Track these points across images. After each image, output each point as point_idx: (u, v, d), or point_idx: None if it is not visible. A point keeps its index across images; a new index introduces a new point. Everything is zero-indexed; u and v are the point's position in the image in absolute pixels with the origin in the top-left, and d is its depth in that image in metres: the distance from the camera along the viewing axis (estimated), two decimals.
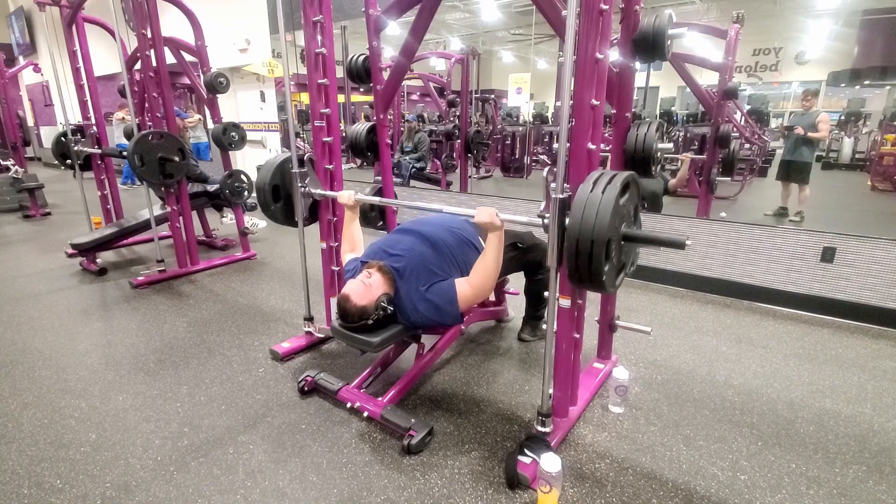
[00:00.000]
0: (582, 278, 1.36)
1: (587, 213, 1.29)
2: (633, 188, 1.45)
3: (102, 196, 4.36)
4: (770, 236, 2.97)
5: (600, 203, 1.29)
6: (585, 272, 1.32)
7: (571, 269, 1.37)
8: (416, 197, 4.68)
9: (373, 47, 2.40)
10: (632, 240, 1.43)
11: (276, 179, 2.31)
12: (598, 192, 1.31)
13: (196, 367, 2.28)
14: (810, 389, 2.11)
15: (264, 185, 2.29)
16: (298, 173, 2.23)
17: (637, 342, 2.51)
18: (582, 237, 1.29)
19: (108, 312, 2.94)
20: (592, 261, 1.30)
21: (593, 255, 1.29)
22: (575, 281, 1.40)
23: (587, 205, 1.30)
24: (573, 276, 1.38)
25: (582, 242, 1.29)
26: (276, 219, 2.38)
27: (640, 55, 1.73)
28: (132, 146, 3.12)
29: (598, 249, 1.28)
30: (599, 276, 1.31)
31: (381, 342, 1.73)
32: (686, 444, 1.75)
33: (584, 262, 1.31)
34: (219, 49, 6.34)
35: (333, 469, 1.62)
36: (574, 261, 1.33)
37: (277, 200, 2.34)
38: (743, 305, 3.03)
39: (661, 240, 1.41)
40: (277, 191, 2.33)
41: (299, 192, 2.25)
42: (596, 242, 1.28)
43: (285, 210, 2.37)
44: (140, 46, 3.20)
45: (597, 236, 1.27)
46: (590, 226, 1.28)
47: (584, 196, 1.32)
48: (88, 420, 1.89)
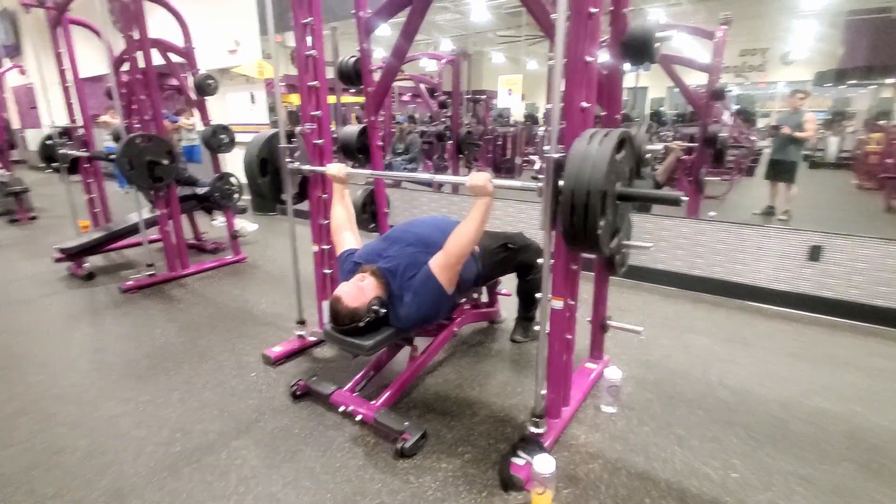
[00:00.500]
0: (577, 237, 1.34)
1: (582, 167, 1.27)
2: (628, 145, 1.43)
3: (90, 200, 4.30)
4: (758, 235, 3.00)
5: (595, 157, 1.27)
6: (580, 229, 1.30)
7: (566, 227, 1.34)
8: (409, 205, 4.67)
9: (363, 49, 2.40)
10: (627, 198, 1.42)
11: (263, 153, 2.22)
12: (593, 146, 1.29)
13: (188, 373, 2.26)
14: (804, 389, 2.13)
15: (252, 158, 2.19)
16: (287, 148, 2.16)
17: (629, 342, 2.52)
18: (577, 192, 1.27)
19: (97, 317, 2.91)
20: (588, 216, 1.27)
21: (588, 211, 1.26)
22: (569, 240, 1.38)
23: (582, 159, 1.28)
24: (568, 234, 1.36)
25: (577, 197, 1.27)
26: (262, 193, 2.28)
27: (629, 57, 1.74)
28: (120, 149, 3.08)
29: (593, 204, 1.26)
30: (594, 232, 1.29)
31: (373, 345, 1.72)
32: (679, 445, 1.76)
33: (580, 220, 1.28)
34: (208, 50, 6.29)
35: (327, 473, 1.61)
36: (569, 218, 1.31)
37: (265, 175, 2.25)
38: (734, 304, 3.06)
39: (656, 196, 1.40)
40: (265, 165, 2.24)
41: (287, 168, 2.18)
42: (591, 196, 1.25)
43: (272, 185, 2.27)
44: (128, 48, 3.17)
45: (592, 190, 1.25)
46: (585, 180, 1.26)
47: (580, 151, 1.30)
48: (81, 426, 1.86)
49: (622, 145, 1.38)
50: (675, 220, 3.28)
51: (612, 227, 1.40)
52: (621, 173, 1.40)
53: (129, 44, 3.15)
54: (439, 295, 1.79)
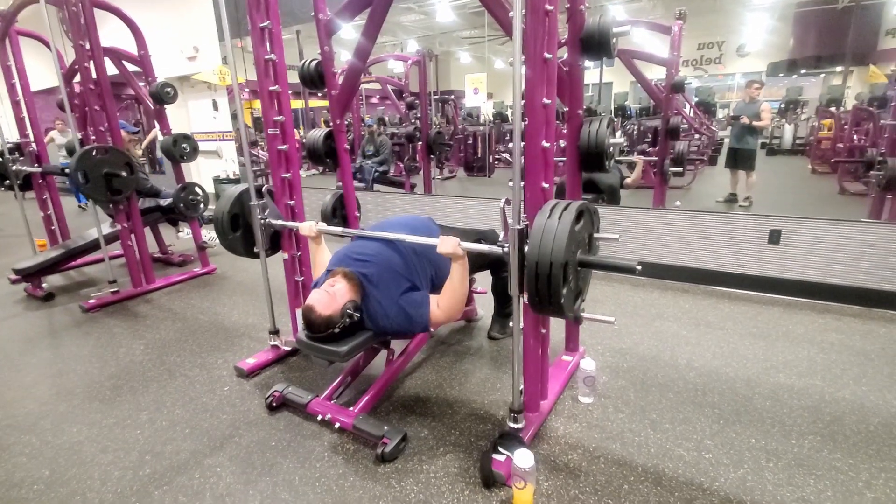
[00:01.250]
0: (542, 303, 1.39)
1: (545, 239, 1.34)
2: (587, 216, 1.50)
3: (46, 217, 4.11)
4: (721, 222, 3.10)
5: (557, 230, 1.33)
6: (545, 297, 1.36)
7: (532, 296, 1.40)
8: (382, 208, 4.64)
9: (324, 52, 2.37)
10: (587, 265, 1.49)
11: (234, 209, 2.23)
12: (554, 219, 1.36)
13: (156, 391, 2.18)
14: (765, 366, 2.21)
15: (222, 215, 2.20)
16: (258, 205, 2.16)
17: (602, 332, 2.57)
18: (541, 262, 1.33)
19: (56, 340, 2.78)
20: (551, 286, 1.33)
21: (552, 281, 1.33)
22: (535, 306, 1.43)
23: (545, 232, 1.35)
24: (534, 302, 1.42)
25: (541, 267, 1.33)
26: (234, 249, 2.28)
27: (588, 53, 1.77)
28: (74, 162, 2.96)
29: (556, 274, 1.32)
30: (558, 300, 1.35)
31: (348, 351, 1.70)
32: (653, 428, 1.80)
33: (544, 288, 1.35)
34: (166, 58, 6.12)
35: (306, 485, 1.58)
36: (534, 287, 1.37)
37: (236, 230, 2.26)
38: (700, 290, 3.16)
39: (614, 265, 1.48)
40: (237, 220, 2.25)
41: (258, 223, 2.18)
42: (554, 267, 1.31)
43: (244, 239, 2.28)
44: (78, 58, 3.05)
45: (555, 261, 1.31)
46: (548, 251, 1.32)
47: (542, 224, 1.36)
48: (41, 456, 1.78)
49: (581, 216, 1.44)
50: (642, 211, 3.37)
51: (574, 292, 1.47)
52: (581, 242, 1.47)
53: (79, 53, 3.03)
54: (423, 328, 1.80)
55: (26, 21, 3.70)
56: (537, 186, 1.55)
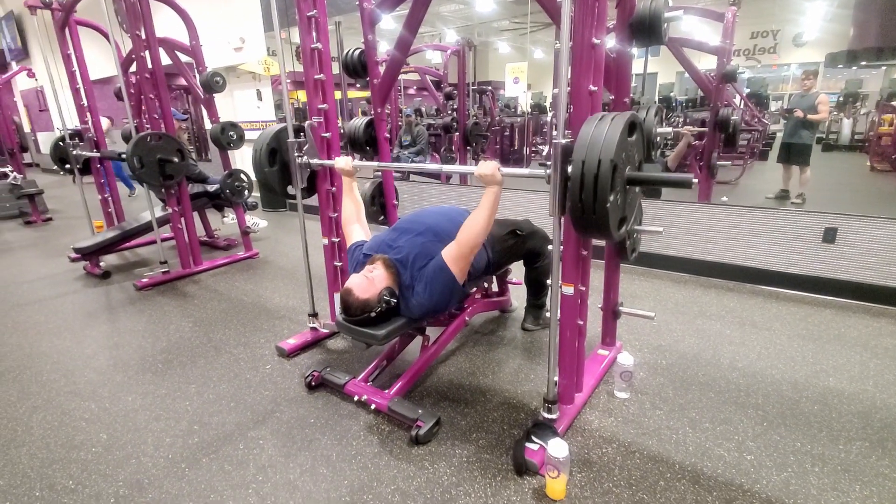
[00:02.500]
0: (586, 222, 1.33)
1: (590, 151, 1.26)
2: (637, 129, 1.42)
3: (103, 200, 4.36)
4: (771, 219, 2.96)
5: (604, 140, 1.26)
6: (590, 214, 1.29)
7: (575, 213, 1.33)
8: (417, 197, 4.67)
9: (368, 41, 2.39)
10: (637, 182, 1.40)
11: (273, 143, 2.23)
12: (601, 129, 1.28)
13: (203, 366, 2.30)
14: (814, 369, 2.12)
15: (261, 147, 2.20)
16: (296, 142, 2.17)
17: (641, 328, 2.52)
18: (585, 176, 1.26)
19: (113, 315, 2.96)
20: (597, 201, 1.26)
21: (597, 195, 1.25)
22: (579, 226, 1.37)
23: (590, 143, 1.27)
24: (577, 219, 1.35)
25: (586, 181, 1.26)
26: (269, 184, 2.26)
27: (637, 40, 1.72)
28: (131, 148, 3.12)
29: (602, 188, 1.24)
30: (604, 217, 1.28)
31: (386, 335, 1.73)
32: (692, 427, 1.76)
33: (589, 204, 1.27)
34: (214, 48, 6.32)
35: (343, 461, 1.64)
36: (578, 203, 1.29)
37: (273, 165, 2.26)
38: (746, 288, 3.04)
39: (666, 179, 1.37)
40: (274, 154, 2.25)
41: (296, 162, 2.19)
42: (600, 180, 1.24)
43: (280, 176, 2.28)
44: (135, 48, 3.20)
45: (601, 173, 1.23)
46: (593, 164, 1.24)
47: (587, 135, 1.29)
48: (99, 421, 1.90)
49: (631, 128, 1.36)
50: (687, 205, 3.26)
51: (621, 211, 1.39)
52: (630, 157, 1.39)
53: (135, 43, 3.17)
54: (451, 285, 1.79)
55: (83, 11, 3.90)
56: None
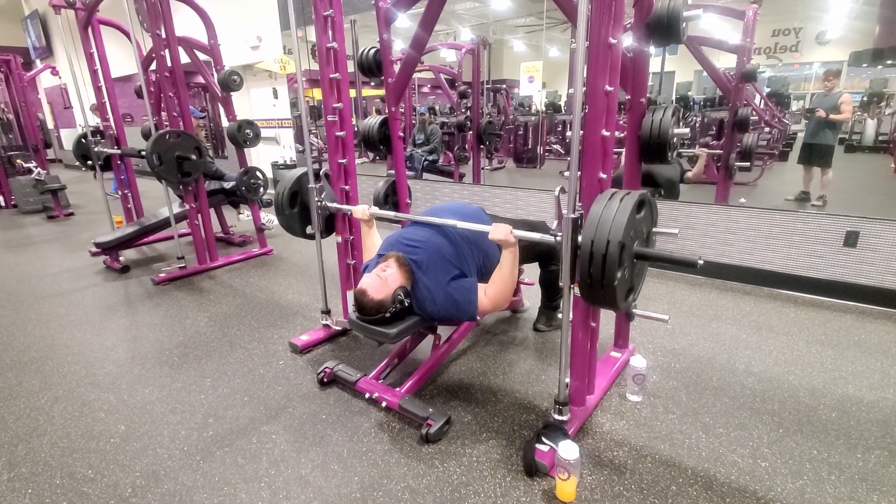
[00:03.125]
0: (594, 292, 1.36)
1: (601, 225, 1.29)
2: (647, 208, 1.45)
3: (123, 195, 4.46)
4: (791, 221, 2.91)
5: (615, 216, 1.29)
6: (598, 285, 1.33)
7: (584, 283, 1.37)
8: (430, 196, 4.68)
9: (383, 40, 2.40)
10: (644, 258, 1.43)
11: (294, 188, 2.34)
12: (612, 206, 1.31)
13: (218, 360, 2.33)
14: (833, 376, 2.07)
15: (283, 191, 2.32)
16: (316, 187, 2.25)
17: (655, 331, 2.49)
18: (596, 246, 1.29)
19: (132, 309, 3.02)
20: (605, 273, 1.29)
21: (606, 267, 1.29)
22: (587, 295, 1.40)
23: (601, 218, 1.31)
24: (585, 290, 1.39)
25: (596, 252, 1.29)
26: (290, 227, 2.38)
27: (655, 39, 1.70)
28: (150, 145, 3.17)
29: (611, 260, 1.28)
30: (612, 289, 1.31)
31: (397, 333, 1.74)
32: (705, 432, 1.74)
33: (598, 275, 1.31)
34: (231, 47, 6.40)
35: (354, 458, 1.65)
36: (587, 273, 1.33)
37: (293, 207, 2.36)
38: (763, 292, 2.99)
39: (673, 259, 1.41)
40: (295, 198, 2.36)
41: (315, 205, 2.28)
42: (610, 252, 1.27)
43: (300, 218, 2.39)
44: (155, 47, 3.25)
45: (611, 246, 1.27)
46: (604, 236, 1.28)
47: (599, 211, 1.32)
48: (117, 412, 1.95)
49: (640, 206, 1.39)
50: (703, 207, 3.21)
51: (629, 283, 1.42)
52: (639, 233, 1.42)
53: (155, 42, 3.23)
54: (470, 317, 1.81)
55: (105, 10, 3.97)
56: (594, 177, 1.52)
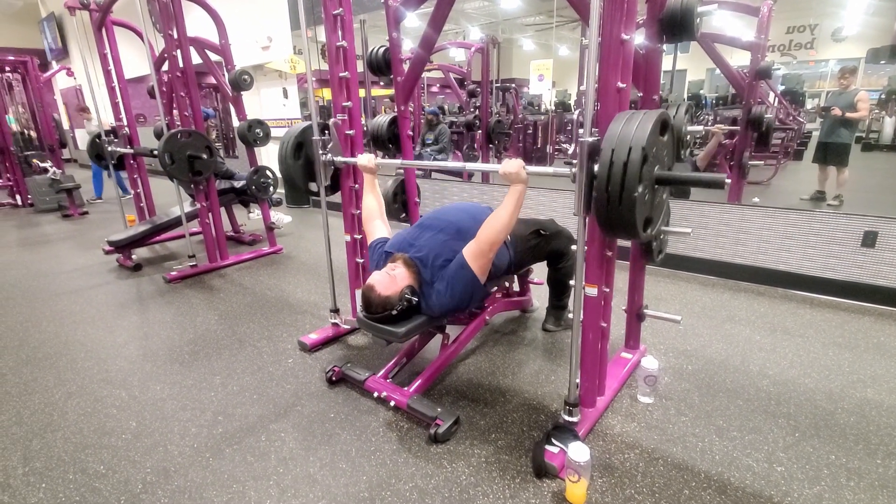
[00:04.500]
0: (612, 222, 1.30)
1: (618, 150, 1.23)
2: (668, 128, 1.38)
3: (136, 194, 4.50)
4: (807, 221, 2.85)
5: (632, 139, 1.22)
6: (616, 214, 1.26)
7: (601, 212, 1.30)
8: (439, 195, 4.67)
9: (393, 38, 2.40)
10: (666, 181, 1.36)
11: (300, 137, 2.27)
12: (630, 127, 1.25)
13: (228, 358, 2.34)
14: (851, 379, 2.03)
15: (288, 140, 2.24)
16: (320, 140, 2.18)
17: (667, 332, 2.46)
18: (612, 175, 1.23)
19: (143, 306, 3.05)
20: (623, 200, 1.22)
21: (624, 195, 1.21)
22: (605, 226, 1.34)
23: (619, 138, 1.24)
24: (602, 219, 1.32)
25: (613, 181, 1.23)
26: (292, 179, 2.27)
27: (668, 35, 1.68)
28: (162, 145, 3.20)
29: (629, 187, 1.21)
30: (631, 217, 1.24)
31: (406, 332, 1.74)
32: (719, 435, 1.71)
33: (615, 203, 1.24)
34: (242, 47, 6.44)
35: (362, 457, 1.65)
36: (604, 202, 1.26)
37: (298, 159, 2.28)
38: (778, 293, 2.93)
39: (697, 179, 1.33)
40: (300, 149, 2.28)
41: (321, 159, 2.21)
42: (628, 180, 1.21)
43: (304, 170, 2.30)
44: (167, 47, 3.28)
45: (629, 173, 1.20)
46: (621, 163, 1.21)
47: (616, 131, 1.26)
48: (129, 409, 1.96)
49: (663, 127, 1.33)
50: (716, 206, 3.16)
51: (648, 209, 1.35)
52: (660, 156, 1.35)
53: (167, 42, 3.26)
54: (472, 283, 1.79)
55: (119, 12, 4.02)
56: None
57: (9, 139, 6.53)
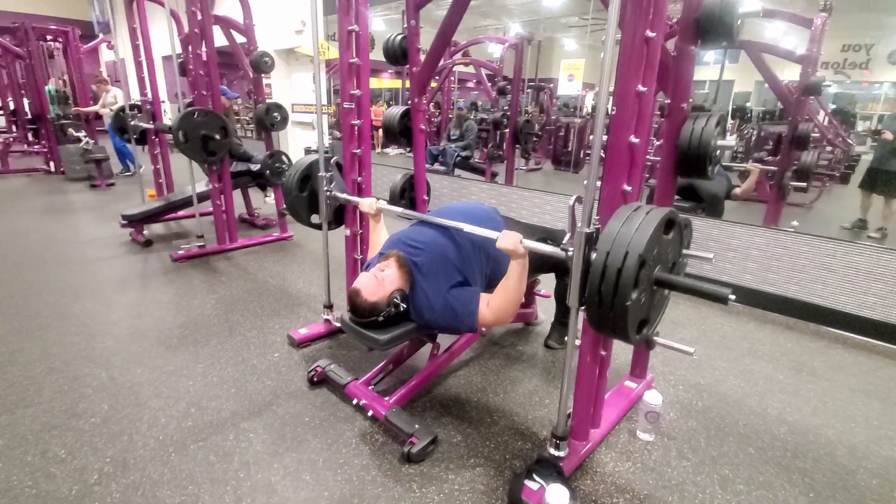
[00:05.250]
0: (602, 321, 1.18)
1: (616, 245, 1.12)
2: (675, 229, 1.26)
3: (155, 170, 4.53)
4: (848, 253, 2.60)
5: (633, 236, 1.11)
6: (607, 314, 1.15)
7: (592, 310, 1.19)
8: (457, 194, 4.53)
9: (410, 26, 2.28)
10: (665, 285, 1.24)
11: (306, 171, 2.26)
12: (632, 224, 1.13)
13: (215, 346, 2.28)
14: (877, 434, 1.81)
15: (294, 173, 2.25)
16: (325, 176, 2.15)
17: (679, 361, 2.27)
18: (608, 270, 1.12)
19: (145, 283, 3.03)
20: (616, 301, 1.11)
21: (617, 295, 1.11)
22: (594, 323, 1.22)
23: (617, 237, 1.13)
24: (593, 317, 1.21)
25: (607, 276, 1.12)
26: (296, 211, 2.29)
27: (704, 37, 1.50)
28: (176, 123, 3.17)
29: (623, 286, 1.10)
30: (623, 320, 1.13)
31: (388, 340, 1.62)
32: (722, 487, 1.53)
33: (607, 302, 1.13)
34: (275, 31, 6.43)
35: (328, 469, 1.54)
36: (596, 299, 1.16)
37: (303, 191, 2.27)
38: (808, 328, 2.69)
39: (700, 290, 1.20)
40: (306, 182, 2.27)
41: (324, 194, 2.18)
42: (623, 278, 1.09)
43: (308, 202, 2.29)
44: (189, 25, 3.24)
45: (625, 271, 1.09)
46: (618, 259, 1.10)
47: (615, 228, 1.14)
48: (104, 390, 1.91)
49: (668, 226, 1.21)
50: (749, 228, 2.92)
51: (644, 313, 1.22)
52: (663, 256, 1.23)
53: (191, 20, 3.22)
54: (469, 328, 1.67)
55: None
56: (617, 188, 1.34)
57: (46, 106, 6.70)
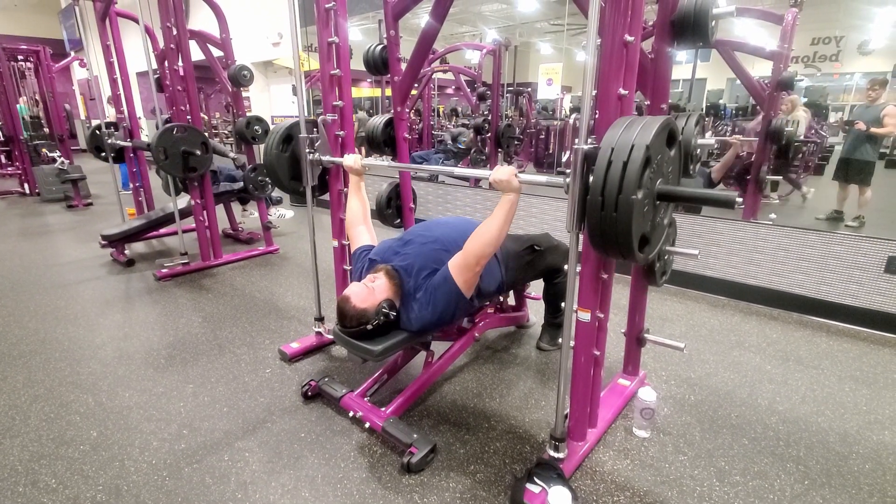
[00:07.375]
0: (606, 240, 1.16)
1: (617, 150, 1.10)
2: (676, 147, 1.24)
3: (135, 188, 4.46)
4: (827, 243, 2.67)
5: (635, 139, 1.09)
6: (610, 232, 1.12)
7: (594, 229, 1.16)
8: (442, 200, 4.54)
9: (390, 36, 2.29)
10: (668, 197, 1.22)
11: (290, 130, 2.16)
12: (630, 135, 1.11)
13: (204, 365, 2.24)
14: (868, 419, 1.86)
15: (277, 132, 2.13)
16: (308, 138, 2.07)
17: (669, 356, 2.30)
18: (608, 188, 1.09)
19: (129, 304, 2.97)
20: (619, 217, 1.09)
21: (619, 210, 1.08)
22: (597, 244, 1.20)
23: (618, 143, 1.11)
24: (595, 236, 1.18)
25: (608, 194, 1.09)
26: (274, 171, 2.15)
27: (680, 39, 1.53)
28: (156, 139, 3.13)
29: (626, 202, 1.07)
30: (627, 236, 1.11)
31: (382, 351, 1.61)
32: (719, 479, 1.55)
33: (609, 220, 1.11)
34: (252, 43, 6.40)
35: (328, 485, 1.52)
36: (598, 218, 1.13)
37: (284, 151, 2.16)
38: (792, 318, 2.75)
39: (705, 197, 1.18)
40: (288, 142, 2.16)
41: (307, 158, 2.10)
42: (624, 193, 1.07)
43: (289, 165, 2.17)
44: (165, 40, 3.21)
45: (626, 186, 1.07)
46: (617, 174, 1.08)
47: (612, 141, 1.13)
48: (93, 416, 1.87)
49: (666, 135, 1.19)
50: (729, 222, 2.99)
51: (647, 225, 1.20)
52: (663, 168, 1.22)
53: (166, 36, 3.18)
54: (456, 298, 1.66)
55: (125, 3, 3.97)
56: None
57: (19, 127, 6.55)
